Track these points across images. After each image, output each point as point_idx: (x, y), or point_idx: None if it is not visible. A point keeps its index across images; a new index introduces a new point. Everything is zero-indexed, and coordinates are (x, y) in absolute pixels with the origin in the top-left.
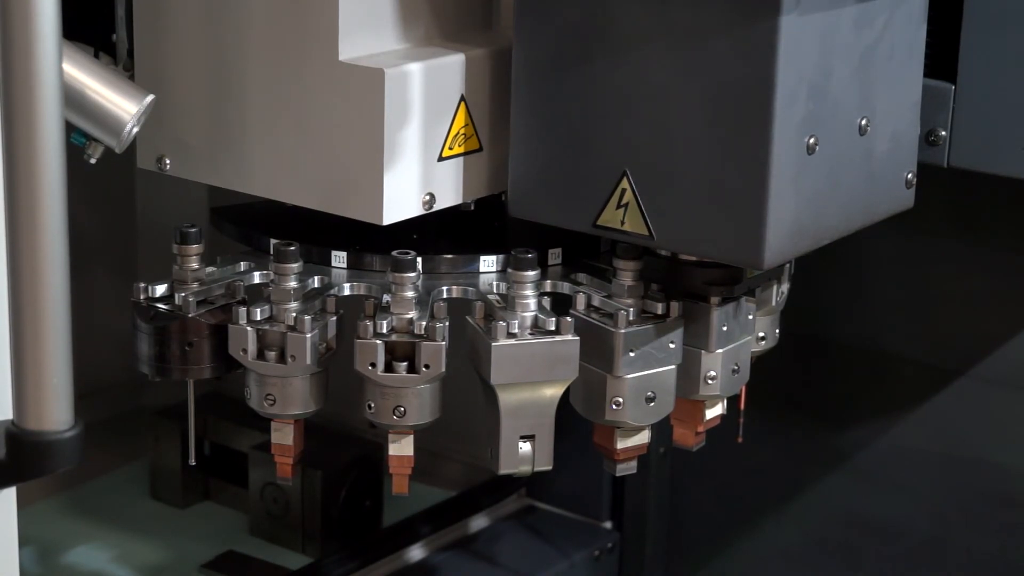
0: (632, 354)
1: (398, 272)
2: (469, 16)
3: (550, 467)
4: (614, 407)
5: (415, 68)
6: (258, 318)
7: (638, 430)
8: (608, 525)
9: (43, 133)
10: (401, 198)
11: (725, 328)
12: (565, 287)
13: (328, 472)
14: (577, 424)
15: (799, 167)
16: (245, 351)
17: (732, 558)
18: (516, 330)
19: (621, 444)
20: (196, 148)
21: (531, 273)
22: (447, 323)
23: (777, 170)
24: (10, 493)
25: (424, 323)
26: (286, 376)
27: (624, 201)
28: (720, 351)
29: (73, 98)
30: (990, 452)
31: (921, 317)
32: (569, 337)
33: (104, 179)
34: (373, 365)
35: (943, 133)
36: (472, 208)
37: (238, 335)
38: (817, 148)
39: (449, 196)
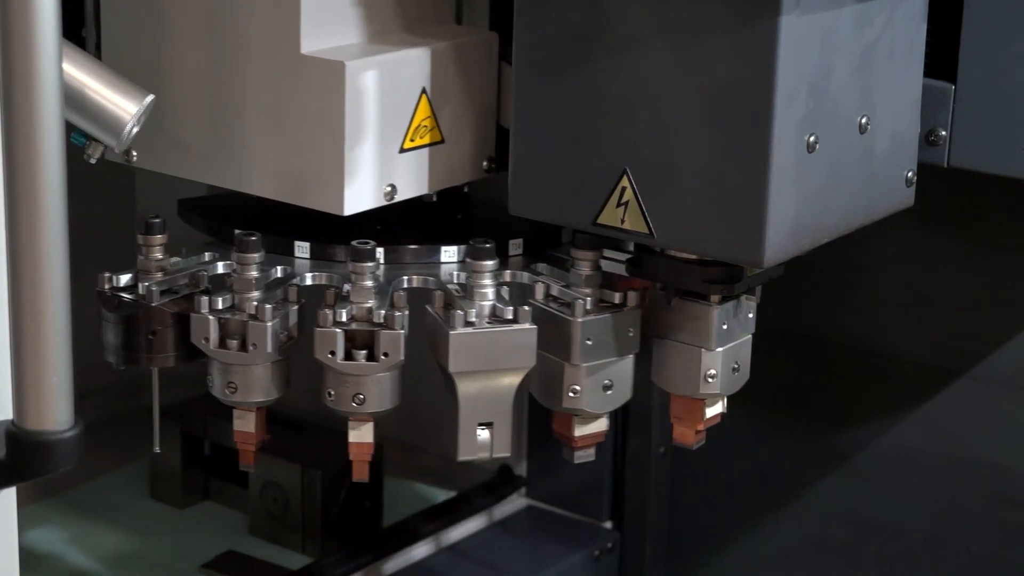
0: (590, 342)
1: (357, 261)
2: (433, 9)
3: (508, 454)
4: (571, 395)
5: (376, 61)
6: (220, 307)
7: (596, 417)
8: (608, 525)
9: (43, 133)
10: (362, 189)
11: (725, 326)
12: (524, 277)
13: (328, 472)
14: None
15: (799, 166)
16: (207, 339)
17: (732, 558)
18: (474, 319)
19: (579, 431)
20: (162, 141)
21: (489, 263)
22: (407, 312)
23: (777, 168)
24: (10, 493)
25: (383, 312)
26: (247, 364)
27: (624, 199)
28: (720, 349)
29: (73, 98)
30: (990, 452)
31: (921, 317)
32: (526, 326)
33: (104, 179)
34: (332, 353)
35: (943, 133)
36: (435, 199)
37: (200, 324)
38: (817, 147)
39: (411, 187)
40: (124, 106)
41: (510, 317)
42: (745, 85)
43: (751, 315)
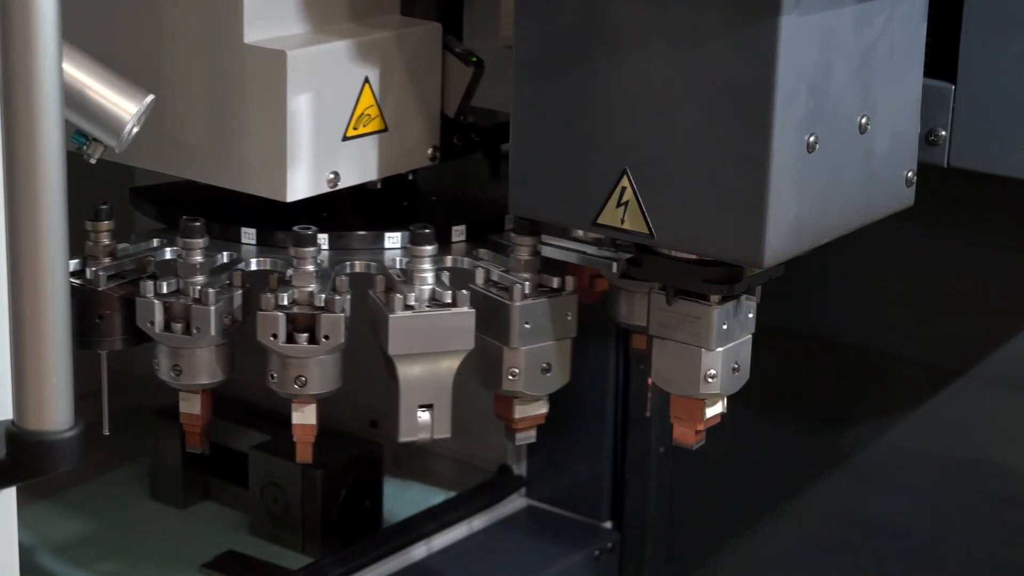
0: (528, 326)
1: (298, 247)
2: (377, 0)
3: (448, 435)
4: (510, 377)
5: (318, 51)
6: (165, 291)
7: (535, 400)
8: (608, 525)
9: (43, 133)
10: (305, 176)
11: (725, 326)
12: (465, 262)
13: (328, 472)
14: (577, 424)
15: (799, 166)
16: (152, 323)
17: (732, 558)
18: (413, 302)
19: (519, 413)
20: None
21: (428, 248)
22: (348, 296)
23: (777, 168)
24: (10, 493)
25: (324, 296)
26: (192, 347)
27: (624, 199)
28: (720, 349)
29: (73, 98)
30: (990, 452)
31: (921, 317)
32: (465, 309)
33: (104, 178)
34: (275, 336)
35: (943, 133)
36: (379, 187)
37: (145, 307)
38: (817, 147)
39: (354, 175)
40: (124, 106)
41: (449, 301)
42: (745, 85)
43: (751, 315)
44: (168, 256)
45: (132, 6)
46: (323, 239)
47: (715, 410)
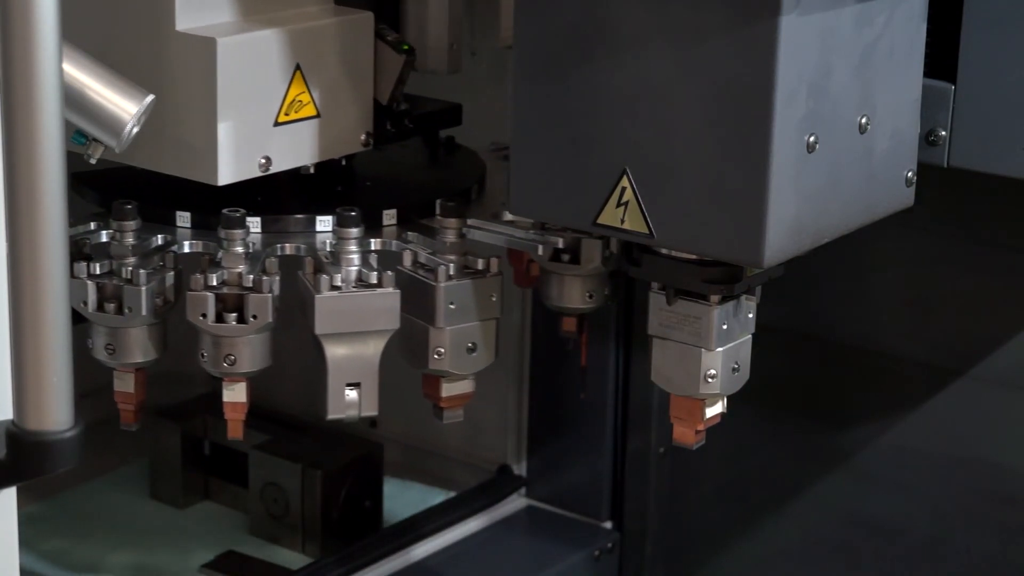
0: (452, 306)
1: (227, 228)
2: None
3: (375, 413)
4: (436, 356)
5: (248, 38)
6: (97, 272)
7: (462, 379)
8: (608, 525)
9: (43, 133)
10: (237, 160)
11: (725, 326)
12: (393, 245)
13: (328, 472)
14: (577, 424)
15: (799, 166)
16: (85, 303)
17: (732, 558)
18: (340, 283)
19: (446, 392)
20: None
21: (354, 230)
22: (277, 277)
23: (777, 168)
24: (10, 493)
25: (252, 276)
26: (124, 327)
27: (624, 200)
28: (720, 349)
29: (73, 98)
30: (990, 452)
31: (921, 317)
32: (390, 290)
33: None
34: (204, 316)
35: (943, 133)
36: (312, 171)
37: (79, 288)
38: (817, 147)
39: (286, 160)
40: (124, 106)
41: (375, 282)
42: (745, 85)
43: (751, 315)
44: (103, 239)
45: None
46: (257, 223)
47: (715, 410)
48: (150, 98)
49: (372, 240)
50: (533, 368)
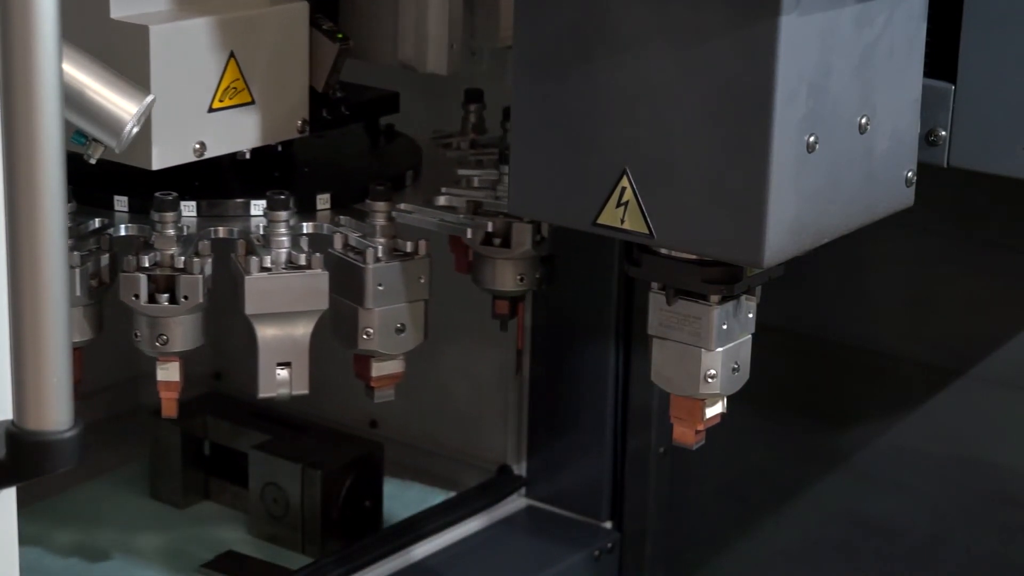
0: (381, 288)
1: (160, 211)
2: None
3: (306, 391)
4: (365, 337)
5: (181, 26)
6: None
7: (391, 358)
8: (608, 525)
9: (43, 133)
10: (171, 146)
11: (725, 327)
12: (324, 228)
13: (328, 472)
14: (577, 424)
15: (799, 165)
16: None
17: (732, 558)
18: (270, 265)
19: (376, 372)
20: None
21: (283, 213)
22: (209, 259)
23: (777, 168)
24: (10, 493)
25: (183, 258)
26: None
27: (624, 199)
28: (720, 350)
29: (73, 98)
30: (990, 452)
31: (921, 317)
32: (319, 271)
33: None
34: (136, 296)
35: (943, 133)
36: (248, 157)
37: None
38: (817, 147)
39: (220, 145)
40: (124, 106)
41: (304, 263)
42: (745, 85)
43: (751, 315)
44: None
45: None
46: (193, 206)
47: (715, 410)
48: (150, 98)
49: (304, 224)
50: (533, 368)
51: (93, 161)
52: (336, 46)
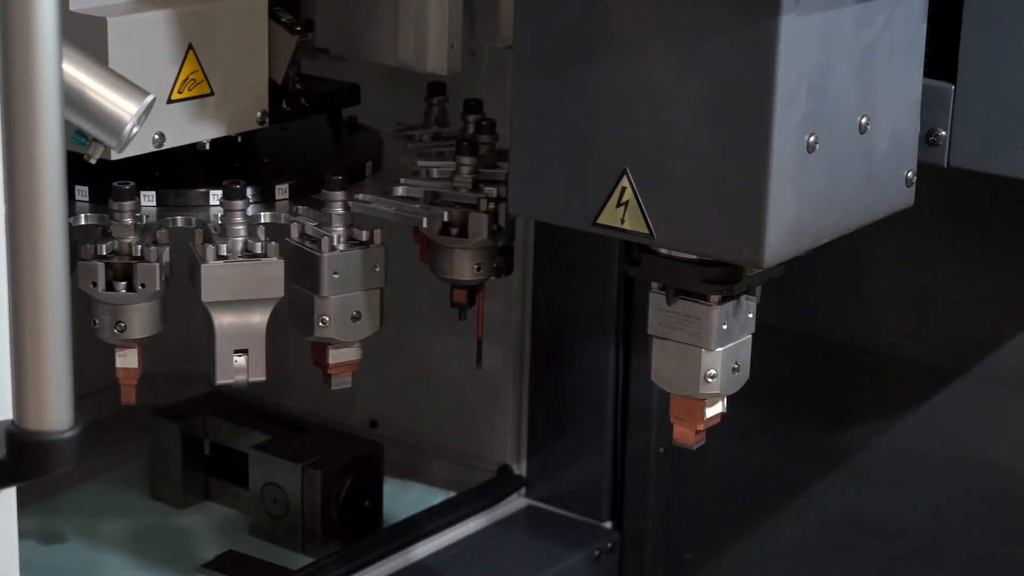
0: (336, 276)
1: (117, 200)
2: None
3: (263, 378)
4: (321, 324)
5: (139, 18)
6: None
7: (347, 346)
8: (608, 525)
9: (43, 133)
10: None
11: (725, 327)
12: (282, 217)
13: (328, 472)
14: (577, 424)
15: (799, 165)
16: None
17: (732, 558)
18: (226, 253)
19: (333, 359)
20: None
21: (239, 202)
22: (167, 247)
23: (777, 168)
24: (10, 493)
25: (140, 246)
26: None
27: (624, 199)
28: (720, 349)
29: (73, 98)
30: (990, 452)
31: (921, 317)
32: (274, 259)
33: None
34: (94, 284)
35: (943, 133)
36: (208, 148)
37: None
38: (817, 147)
39: (179, 136)
40: (124, 106)
41: (260, 252)
42: (745, 85)
43: (751, 315)
44: None
45: None
46: (153, 196)
47: (715, 410)
48: (150, 98)
49: (262, 213)
50: (533, 368)
51: (93, 161)
52: (295, 38)
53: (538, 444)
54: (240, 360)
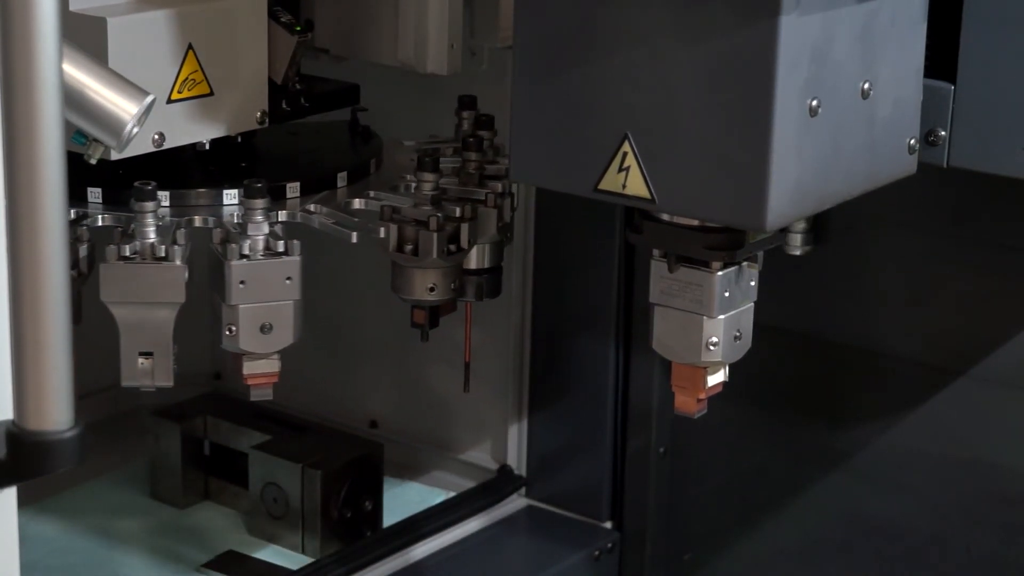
0: (242, 285)
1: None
2: None
3: (169, 384)
4: (228, 333)
5: (139, 18)
6: None
7: (261, 357)
8: (608, 525)
9: (43, 133)
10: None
11: (727, 294)
12: (210, 222)
13: (328, 472)
14: (577, 424)
15: (801, 129)
16: None
17: (732, 558)
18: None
19: (247, 370)
20: None
21: (149, 204)
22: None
23: (779, 132)
24: (10, 493)
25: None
26: None
27: (625, 165)
28: (722, 317)
29: (73, 98)
30: (990, 452)
31: (921, 317)
32: (176, 263)
33: None
34: None
35: (943, 133)
36: (208, 148)
37: None
38: (819, 111)
39: (180, 136)
40: (124, 106)
41: (162, 255)
42: (748, 49)
43: (753, 283)
44: None
45: None
46: (165, 196)
47: (717, 378)
48: (150, 98)
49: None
50: (533, 368)
51: (93, 161)
52: (295, 38)
53: (538, 444)
54: (145, 363)
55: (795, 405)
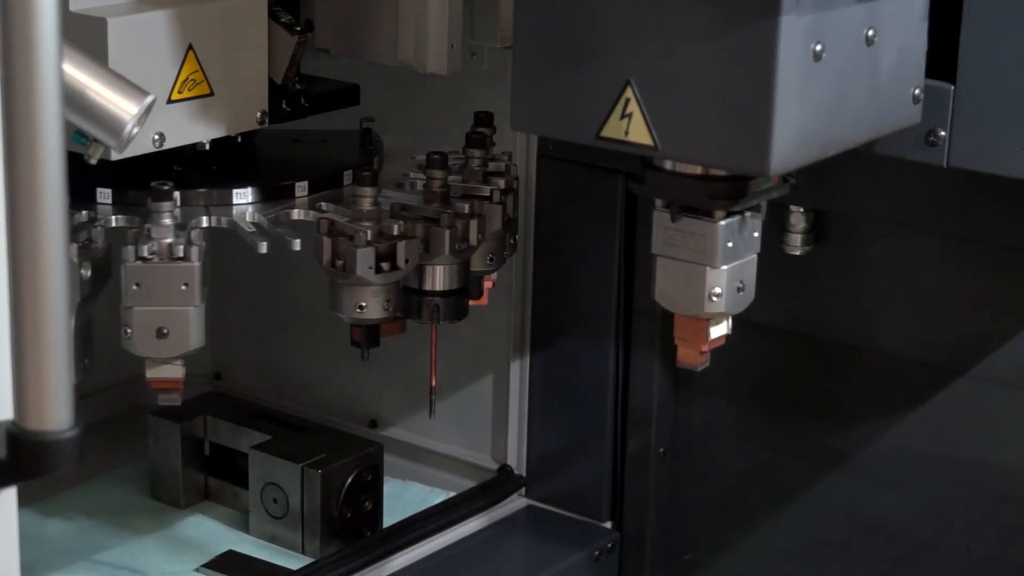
0: (136, 288)
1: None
2: None
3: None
4: (124, 335)
5: (139, 18)
6: None
7: (164, 362)
8: (608, 525)
9: (43, 133)
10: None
11: (730, 244)
12: (114, 222)
13: (328, 472)
14: (577, 424)
15: (805, 73)
16: None
17: (732, 558)
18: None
19: (149, 374)
20: None
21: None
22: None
23: (783, 75)
24: (10, 493)
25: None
26: None
27: (628, 111)
28: (725, 267)
29: (73, 98)
30: (990, 452)
31: (921, 317)
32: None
33: None
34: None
35: (943, 133)
36: (208, 148)
37: None
38: (823, 55)
39: (180, 136)
40: (124, 106)
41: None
42: None
43: (756, 234)
44: None
45: None
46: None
47: (720, 331)
48: (150, 98)
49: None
50: (533, 368)
51: (93, 161)
52: (295, 38)
53: (538, 444)
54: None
55: (795, 405)
